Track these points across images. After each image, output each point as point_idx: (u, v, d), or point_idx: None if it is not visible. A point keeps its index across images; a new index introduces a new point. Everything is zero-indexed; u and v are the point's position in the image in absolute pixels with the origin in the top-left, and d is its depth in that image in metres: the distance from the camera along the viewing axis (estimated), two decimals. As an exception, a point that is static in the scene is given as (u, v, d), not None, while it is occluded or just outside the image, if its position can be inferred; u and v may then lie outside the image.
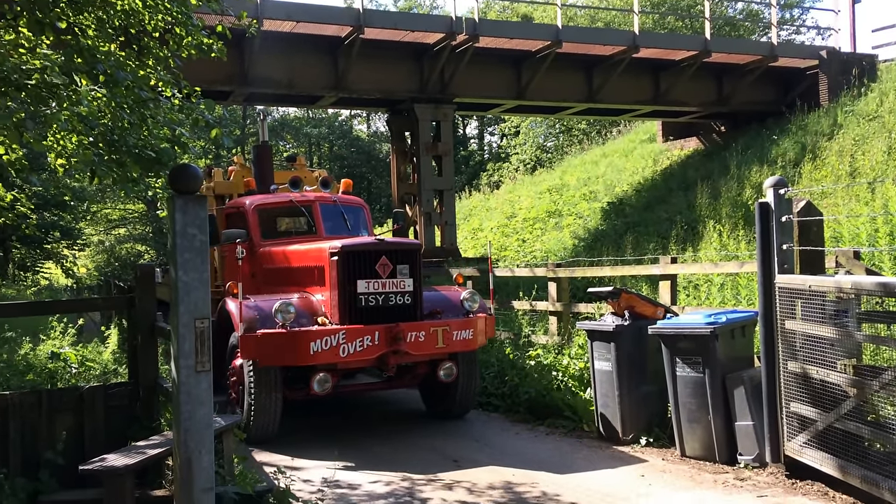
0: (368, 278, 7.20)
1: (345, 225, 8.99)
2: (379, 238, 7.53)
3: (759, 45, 21.40)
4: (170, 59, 6.31)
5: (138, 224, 32.20)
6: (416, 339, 7.12)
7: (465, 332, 7.46)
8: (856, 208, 12.95)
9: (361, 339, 6.91)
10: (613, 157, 26.08)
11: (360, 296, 7.16)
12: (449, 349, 7.42)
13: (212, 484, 3.88)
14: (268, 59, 15.87)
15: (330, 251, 7.35)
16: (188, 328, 3.87)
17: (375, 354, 7.04)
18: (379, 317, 7.16)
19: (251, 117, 38.55)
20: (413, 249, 7.58)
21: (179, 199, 3.90)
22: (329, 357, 6.85)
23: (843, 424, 5.10)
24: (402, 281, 7.32)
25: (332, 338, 6.81)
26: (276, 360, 6.96)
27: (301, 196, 9.01)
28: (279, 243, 8.70)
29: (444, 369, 7.61)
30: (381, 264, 7.25)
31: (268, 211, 9.08)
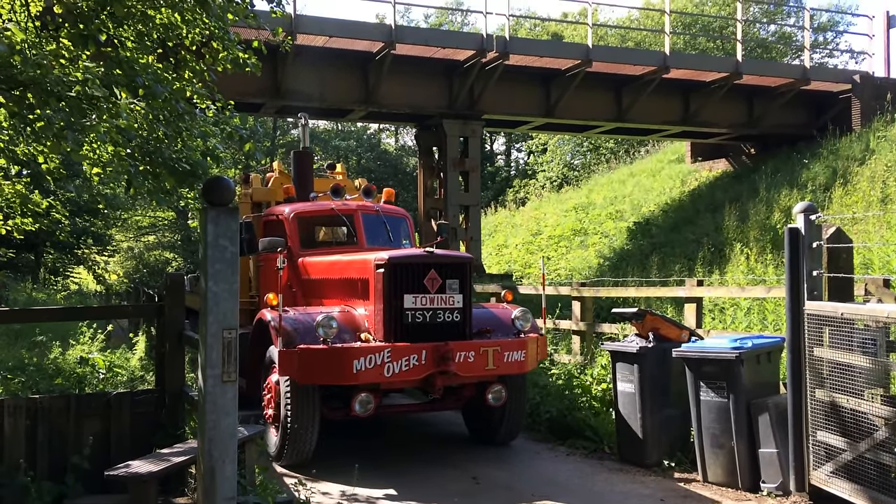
0: (416, 293, 6.79)
1: (387, 236, 8.61)
2: (428, 250, 7.10)
3: (791, 68, 21.25)
4: (205, 73, 6.43)
5: (167, 232, 32.62)
6: (465, 360, 6.68)
7: (517, 354, 6.98)
8: (887, 235, 12.78)
9: (408, 359, 6.49)
10: (641, 177, 25.97)
11: (406, 311, 6.75)
12: (499, 371, 6.95)
13: (234, 493, 3.92)
14: (300, 72, 16.07)
15: (376, 263, 6.93)
16: (216, 338, 3.93)
17: (422, 375, 6.61)
18: (426, 335, 6.74)
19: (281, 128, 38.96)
20: (464, 263, 7.12)
21: (212, 211, 3.98)
22: (373, 377, 6.44)
23: (874, 455, 5.02)
24: (451, 297, 6.91)
25: (377, 356, 6.40)
26: (317, 378, 6.58)
27: (342, 205, 8.62)
28: (319, 253, 8.38)
29: (492, 392, 7.17)
30: (429, 278, 6.84)
31: (308, 219, 8.74)
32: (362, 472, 5.95)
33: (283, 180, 9.91)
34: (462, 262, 7.10)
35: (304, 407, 6.66)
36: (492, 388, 7.16)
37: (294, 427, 6.63)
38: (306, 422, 6.68)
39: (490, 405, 7.24)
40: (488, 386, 7.16)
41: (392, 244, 8.45)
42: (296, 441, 6.66)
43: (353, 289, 7.35)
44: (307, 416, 6.68)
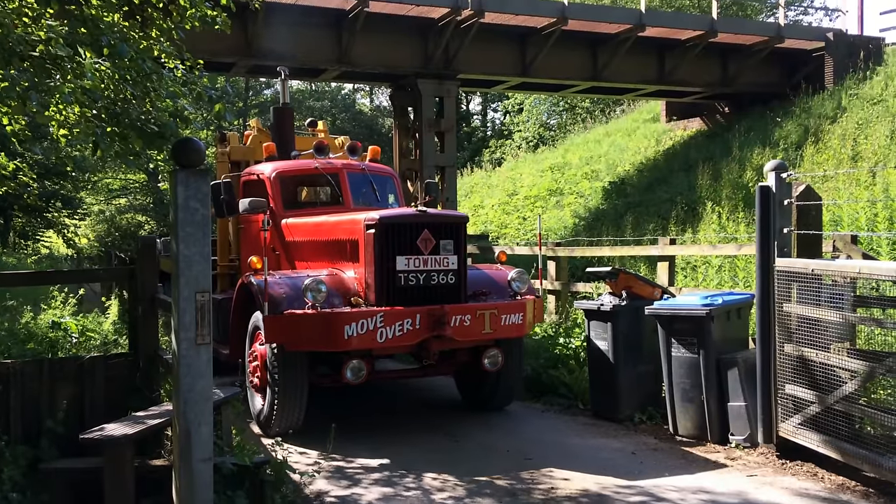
0: (409, 255, 6.44)
1: (374, 195, 8.24)
2: (420, 209, 6.77)
3: (766, 26, 21.25)
4: (173, 31, 6.28)
5: (139, 194, 32.18)
6: (460, 324, 6.37)
7: (515, 317, 6.67)
8: (856, 192, 12.96)
9: (401, 323, 6.18)
10: (616, 137, 26.01)
11: (399, 274, 6.40)
12: (496, 335, 6.67)
13: (210, 455, 3.95)
14: (271, 31, 15.77)
15: (366, 223, 6.58)
16: (189, 301, 3.91)
17: (416, 340, 6.30)
18: (420, 298, 6.42)
19: (254, 89, 38.37)
20: (459, 223, 6.80)
21: (182, 173, 3.93)
22: (365, 342, 6.14)
23: (840, 407, 5.16)
24: (445, 258, 6.57)
25: (369, 321, 6.08)
26: (305, 345, 6.31)
27: (327, 163, 8.22)
28: (303, 214, 7.96)
29: (489, 357, 6.87)
30: (422, 239, 6.48)
31: (290, 179, 8.29)
32: (344, 436, 6.00)
33: (261, 138, 9.50)
34: (457, 222, 6.80)
35: (291, 375, 6.41)
36: (488, 353, 6.88)
37: (282, 396, 6.39)
38: (294, 390, 6.44)
39: (486, 370, 6.97)
40: (484, 350, 6.88)
41: (379, 204, 8.14)
42: (284, 410, 6.44)
43: (342, 251, 7.02)
44: (295, 384, 6.44)
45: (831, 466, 5.44)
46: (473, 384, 7.60)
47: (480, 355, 6.90)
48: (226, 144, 9.54)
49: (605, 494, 5.14)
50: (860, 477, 5.24)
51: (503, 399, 7.53)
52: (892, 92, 17.32)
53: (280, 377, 6.37)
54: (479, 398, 7.58)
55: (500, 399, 7.51)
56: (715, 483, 5.32)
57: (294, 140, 9.27)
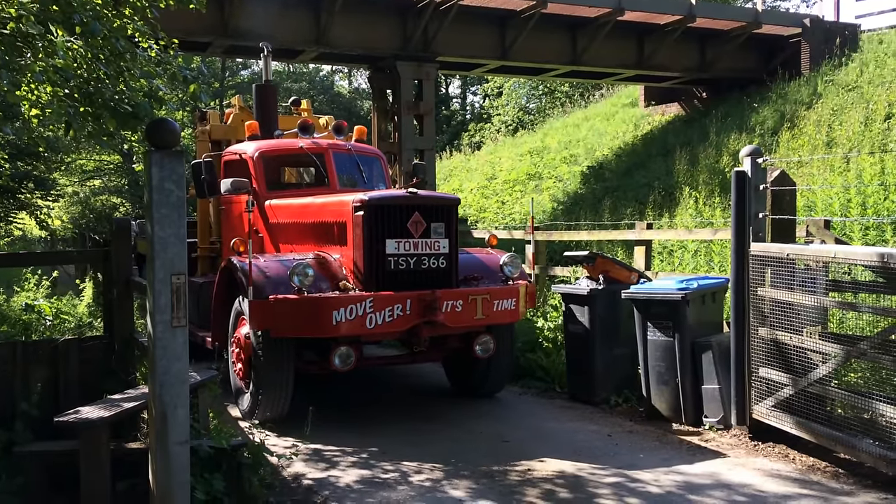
0: (399, 238, 6.26)
1: (360, 177, 7.97)
2: (410, 190, 6.52)
3: (744, 12, 21.39)
4: (147, 10, 6.18)
5: (114, 176, 31.72)
6: (452, 309, 6.21)
7: (508, 302, 6.55)
8: (830, 178, 13.12)
9: (391, 309, 6.00)
10: (595, 121, 26.08)
11: (388, 258, 6.22)
12: (488, 321, 6.53)
13: (187, 437, 3.93)
14: (248, 10, 15.59)
15: (354, 205, 6.37)
16: (164, 283, 3.88)
17: (407, 326, 6.13)
18: (410, 283, 6.26)
19: (230, 69, 37.89)
20: (450, 205, 6.60)
21: (156, 154, 3.88)
22: (354, 328, 5.97)
23: (813, 389, 5.25)
24: (436, 241, 6.39)
25: (358, 306, 5.89)
26: (292, 331, 6.10)
27: (312, 143, 7.92)
28: (287, 195, 7.76)
29: (480, 343, 6.71)
30: (413, 221, 6.30)
31: (273, 159, 8.04)
32: (322, 421, 5.96)
33: (243, 117, 9.25)
34: (448, 204, 6.61)
35: (277, 362, 6.22)
36: (479, 339, 6.72)
37: (267, 384, 6.21)
38: (280, 378, 6.25)
39: (478, 356, 6.81)
40: (476, 336, 6.71)
41: (365, 186, 7.82)
42: (269, 398, 6.26)
43: (328, 233, 6.82)
44: (281, 371, 6.25)
45: (802, 448, 5.55)
46: (463, 371, 7.46)
47: (472, 341, 6.73)
48: (206, 123, 9.28)
49: (580, 476, 5.20)
50: (830, 458, 5.35)
51: (494, 386, 7.40)
52: (866, 79, 17.52)
53: (265, 364, 6.20)
54: (469, 385, 7.46)
55: (490, 386, 7.38)
56: (689, 464, 5.40)
57: (277, 119, 9.01)
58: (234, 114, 9.48)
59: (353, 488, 5.05)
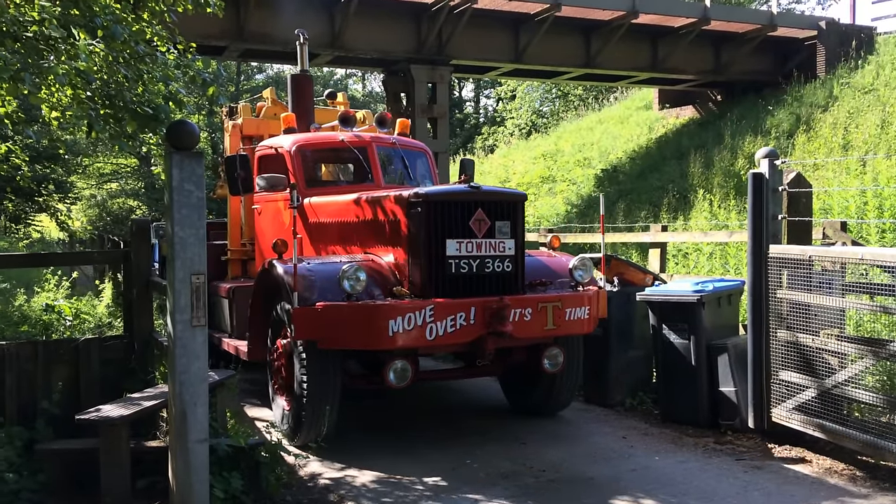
0: (460, 238, 5.62)
1: (406, 173, 7.38)
2: (473, 184, 5.86)
3: (759, 14, 21.30)
4: (166, 14, 6.26)
5: (130, 179, 32.02)
6: (520, 318, 5.58)
7: (581, 311, 5.91)
8: (846, 181, 13.04)
9: (454, 318, 5.36)
10: (609, 124, 26.04)
11: (448, 260, 5.58)
12: (560, 331, 5.89)
13: (206, 436, 3.98)
14: (264, 14, 15.71)
15: (409, 200, 5.73)
16: (184, 283, 3.94)
17: (471, 337, 5.48)
18: (473, 288, 5.64)
19: (246, 73, 38.15)
20: (516, 201, 5.98)
21: (177, 155, 3.94)
22: (412, 340, 5.32)
23: (838, 391, 5.21)
24: (501, 242, 5.76)
25: (417, 315, 5.26)
26: (342, 342, 5.45)
27: (354, 136, 7.34)
28: (327, 193, 7.10)
29: (549, 357, 6.06)
30: (476, 219, 5.67)
31: (312, 153, 7.41)
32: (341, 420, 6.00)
33: (276, 110, 8.71)
34: (514, 200, 5.97)
35: (324, 376, 5.58)
36: (548, 352, 6.05)
37: (311, 400, 5.56)
38: (326, 394, 5.60)
39: (546, 371, 6.14)
40: (544, 348, 6.05)
41: (412, 183, 7.24)
42: (313, 416, 5.61)
43: (378, 233, 6.16)
44: (327, 387, 5.61)
45: (819, 451, 5.53)
46: (525, 387, 6.74)
47: (539, 354, 6.07)
48: (236, 116, 8.82)
49: (594, 478, 5.20)
50: (848, 461, 5.32)
51: (559, 404, 6.72)
52: (882, 81, 17.40)
53: (310, 379, 5.55)
54: (530, 402, 6.78)
55: (554, 404, 6.70)
56: (705, 467, 5.39)
57: (314, 111, 8.47)
58: (267, 107, 8.95)
59: (368, 487, 5.08)
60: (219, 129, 32.57)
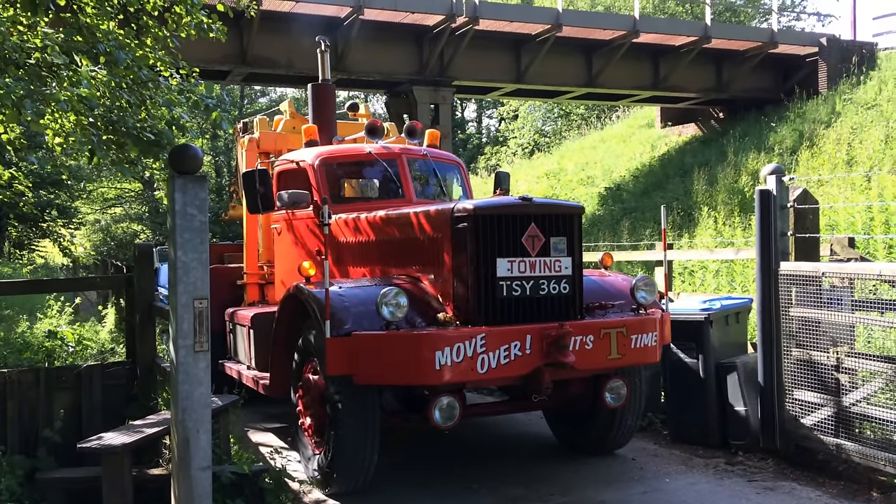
0: (512, 256, 5.02)
1: (440, 188, 6.91)
2: (524, 196, 5.25)
3: (759, 32, 21.37)
4: (169, 39, 6.29)
5: (134, 203, 32.14)
6: (582, 347, 4.96)
7: (647, 337, 5.28)
8: (851, 196, 13.00)
9: (507, 347, 4.74)
10: (611, 143, 26.07)
11: (500, 282, 4.98)
12: (625, 361, 5.23)
13: (209, 463, 3.92)
14: (267, 39, 15.81)
15: (455, 215, 5.10)
16: (187, 308, 3.89)
17: (527, 370, 4.84)
18: (526, 313, 5.05)
19: (249, 97, 38.37)
20: (573, 214, 5.34)
21: (179, 179, 3.92)
22: (461, 374, 4.65)
23: (855, 409, 5.14)
24: (557, 261, 5.15)
25: (467, 345, 4.62)
26: (381, 377, 4.82)
27: (382, 148, 6.86)
28: (354, 209, 6.40)
29: (611, 389, 5.40)
30: (529, 235, 5.08)
31: (338, 167, 6.82)
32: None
33: (295, 123, 8.23)
34: (571, 213, 5.33)
35: (361, 416, 4.97)
36: (610, 384, 5.40)
37: (348, 444, 4.96)
38: (365, 437, 4.98)
39: (607, 406, 5.48)
40: (605, 380, 5.42)
41: (445, 198, 6.76)
42: (349, 463, 5.01)
43: (416, 253, 5.51)
44: (366, 429, 4.99)
45: (832, 471, 5.44)
46: (580, 422, 6.09)
47: (599, 386, 5.45)
48: (251, 131, 8.32)
49: (605, 501, 5.11)
50: (863, 481, 5.23)
51: (618, 441, 6.07)
52: (885, 97, 17.40)
53: (345, 420, 4.94)
54: (586, 439, 6.14)
55: (614, 441, 6.05)
56: (715, 488, 5.30)
57: (335, 123, 8.01)
58: (286, 120, 8.41)
59: (375, 514, 5.00)
60: (223, 153, 32.74)
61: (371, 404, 5.03)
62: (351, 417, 4.94)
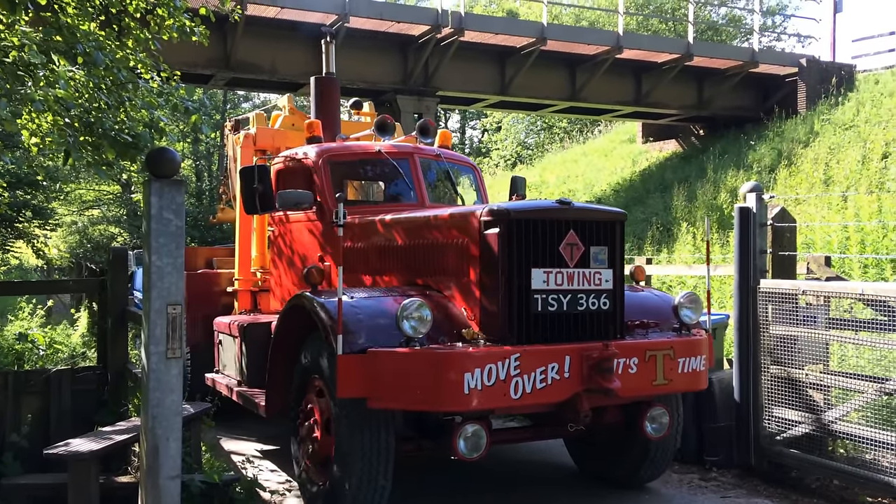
0: (549, 267, 4.49)
1: (453, 191, 6.47)
2: (562, 199, 4.70)
3: (741, 51, 21.61)
4: (150, 42, 6.23)
5: (112, 206, 31.81)
6: (625, 371, 4.43)
7: (696, 361, 4.75)
8: (828, 216, 13.14)
9: (544, 370, 4.21)
10: (593, 157, 26.22)
11: (535, 295, 4.45)
12: (671, 387, 4.71)
13: (178, 471, 3.86)
14: (251, 44, 15.74)
15: (483, 219, 4.57)
16: (160, 314, 3.84)
17: (566, 395, 4.33)
18: (563, 331, 4.54)
19: (232, 101, 38.19)
20: (615, 220, 4.83)
21: (156, 183, 3.88)
22: (492, 399, 4.12)
23: (829, 426, 5.19)
24: (597, 273, 4.64)
25: (500, 366, 4.08)
26: (400, 401, 4.27)
27: (393, 147, 6.36)
28: (364, 212, 5.82)
29: (653, 419, 4.87)
30: (567, 244, 4.55)
31: (344, 165, 6.32)
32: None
33: (295, 120, 7.74)
34: (613, 219, 4.82)
35: (375, 446, 4.43)
36: (651, 412, 4.86)
37: (360, 474, 4.41)
38: (376, 466, 4.44)
39: (648, 437, 4.92)
40: (646, 408, 4.86)
41: (458, 203, 6.34)
42: (360, 495, 4.46)
43: (438, 261, 4.95)
44: (380, 460, 4.45)
45: (804, 489, 5.46)
46: (610, 452, 5.53)
47: (639, 415, 4.88)
48: (248, 127, 7.83)
49: (579, 515, 5.09)
50: (833, 499, 5.26)
51: (653, 473, 5.49)
52: (863, 118, 17.64)
53: (355, 449, 4.41)
54: (616, 472, 5.56)
55: (648, 474, 5.47)
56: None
57: (339, 119, 7.55)
58: (284, 116, 7.88)
59: (347, 526, 4.93)
60: (204, 157, 32.52)
61: (385, 432, 4.48)
62: (363, 447, 4.40)
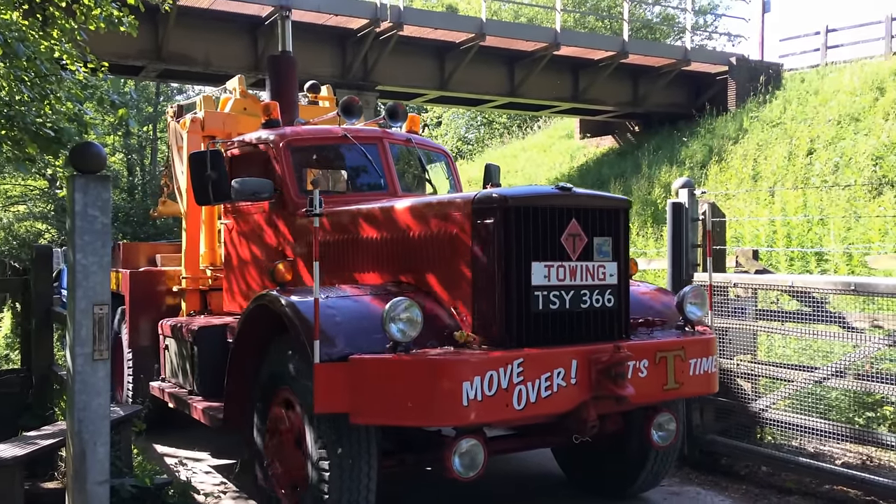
0: (549, 260, 4.03)
1: (426, 180, 6.05)
2: (563, 185, 4.21)
3: (674, 49, 22.11)
4: (76, 32, 6.02)
5: (39, 201, 30.69)
6: (635, 375, 4.03)
7: (707, 362, 4.37)
8: (756, 210, 13.56)
9: (549, 376, 3.75)
10: (532, 152, 26.48)
11: (535, 292, 3.98)
12: (683, 391, 4.32)
13: (107, 476, 3.75)
14: (183, 35, 15.38)
15: (476, 207, 4.08)
16: (86, 314, 3.72)
17: (573, 404, 3.86)
18: (565, 331, 4.08)
19: (165, 94, 37.26)
20: (619, 208, 4.36)
21: (80, 179, 3.75)
22: (493, 411, 3.63)
23: (761, 415, 5.36)
24: (601, 266, 4.19)
25: (502, 373, 3.61)
26: (387, 416, 3.75)
27: (360, 131, 5.86)
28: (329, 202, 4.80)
29: (659, 426, 4.47)
30: (569, 234, 4.10)
31: (307, 150, 5.71)
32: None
33: (246, 104, 7.16)
34: (617, 207, 4.35)
35: (356, 466, 3.91)
36: (658, 419, 4.45)
37: (337, 498, 3.89)
38: (357, 487, 3.93)
39: (654, 445, 4.53)
40: (652, 414, 4.45)
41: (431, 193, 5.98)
42: None
43: (423, 255, 4.40)
44: (359, 477, 3.93)
45: (734, 477, 5.63)
46: (606, 461, 5.09)
47: (645, 421, 4.48)
48: (196, 112, 7.17)
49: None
50: (762, 485, 5.43)
51: (650, 482, 5.09)
52: (789, 115, 18.26)
53: (334, 471, 3.87)
54: (611, 482, 5.13)
55: (645, 483, 5.05)
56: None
57: (297, 101, 7.09)
58: (235, 99, 7.23)
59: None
60: (136, 151, 31.65)
61: (368, 449, 3.97)
62: (344, 469, 3.88)
